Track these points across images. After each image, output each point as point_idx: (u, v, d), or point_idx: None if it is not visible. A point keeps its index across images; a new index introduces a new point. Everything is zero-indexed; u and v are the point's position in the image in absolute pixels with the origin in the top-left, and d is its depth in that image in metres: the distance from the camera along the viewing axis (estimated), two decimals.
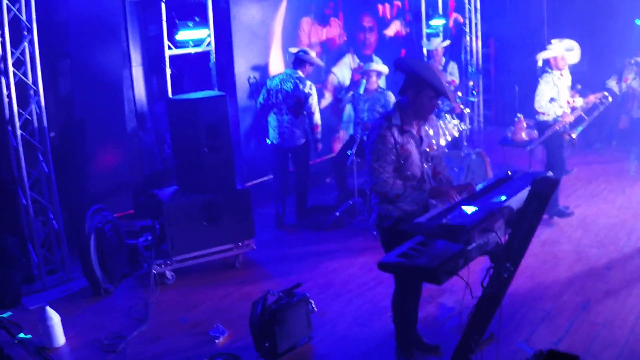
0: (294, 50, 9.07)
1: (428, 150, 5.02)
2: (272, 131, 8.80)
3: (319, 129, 8.90)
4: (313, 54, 8.92)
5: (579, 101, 8.69)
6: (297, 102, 8.59)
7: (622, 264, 7.20)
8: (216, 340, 5.89)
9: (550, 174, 5.10)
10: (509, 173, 5.07)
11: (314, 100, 8.67)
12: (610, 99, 8.98)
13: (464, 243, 3.82)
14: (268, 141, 8.89)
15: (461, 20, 14.48)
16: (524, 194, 4.39)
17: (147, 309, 6.63)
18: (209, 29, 8.83)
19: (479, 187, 4.82)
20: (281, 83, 8.66)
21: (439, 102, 5.11)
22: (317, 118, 8.79)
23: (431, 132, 5.11)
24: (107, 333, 6.14)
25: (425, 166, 5.00)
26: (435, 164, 5.16)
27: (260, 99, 8.91)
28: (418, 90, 4.74)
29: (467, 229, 3.77)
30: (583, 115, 8.73)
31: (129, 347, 5.90)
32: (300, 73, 8.67)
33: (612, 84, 12.37)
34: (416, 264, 3.93)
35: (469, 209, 4.19)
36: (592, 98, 8.87)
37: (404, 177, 4.85)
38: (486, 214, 3.98)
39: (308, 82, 8.63)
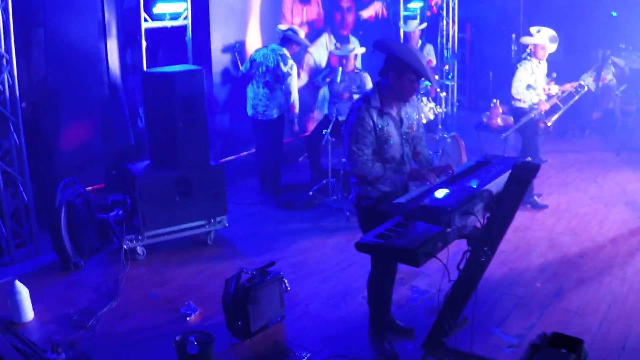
0: (283, 27, 9.05)
1: (408, 131, 4.98)
2: (248, 102, 8.92)
3: (296, 110, 8.89)
4: (302, 33, 8.95)
5: (554, 89, 8.72)
6: (275, 78, 8.63)
7: (594, 253, 7.25)
8: (187, 318, 5.82)
9: (529, 158, 5.08)
10: (487, 157, 5.06)
11: (292, 80, 8.69)
12: (586, 88, 9.03)
13: (444, 225, 3.79)
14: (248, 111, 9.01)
15: (439, 3, 14.44)
16: (503, 178, 4.39)
17: (117, 284, 6.53)
18: (187, 2, 8.69)
19: (457, 170, 4.80)
20: (264, 57, 8.70)
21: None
22: (295, 98, 8.80)
23: (413, 113, 5.06)
24: (77, 308, 6.03)
25: (406, 148, 4.95)
26: (416, 144, 5.12)
27: (243, 69, 9.02)
28: (399, 73, 4.69)
29: (448, 211, 3.75)
30: (559, 103, 8.78)
31: (99, 323, 5.79)
32: (285, 51, 8.71)
33: (589, 80, 12.42)
34: (395, 245, 3.90)
35: (447, 191, 4.17)
36: (568, 87, 8.92)
37: (383, 160, 4.81)
38: (467, 197, 3.96)
39: (290, 62, 8.67)
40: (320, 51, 11.42)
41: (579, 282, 6.50)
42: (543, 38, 8.33)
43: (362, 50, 9.64)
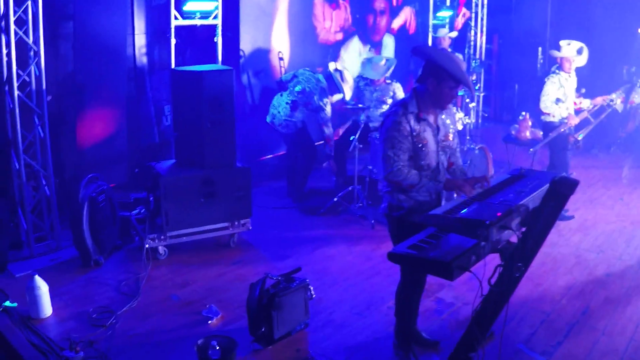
0: (332, 66, 9.01)
1: (444, 139, 4.89)
2: (270, 109, 8.95)
3: (332, 142, 8.99)
4: (349, 78, 8.92)
5: (585, 103, 8.63)
6: (304, 103, 8.70)
7: (621, 271, 7.12)
8: (209, 322, 5.75)
9: (565, 174, 4.97)
10: (522, 171, 4.97)
11: (325, 114, 8.75)
12: (615, 103, 8.91)
13: (482, 239, 3.70)
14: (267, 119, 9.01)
15: (468, 15, 14.36)
16: (540, 193, 4.30)
17: (138, 284, 6.48)
18: (218, 1, 8.64)
19: (492, 182, 4.72)
20: (307, 80, 8.75)
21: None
22: (327, 131, 8.84)
23: (448, 122, 4.98)
24: (96, 306, 5.97)
25: (441, 156, 4.87)
26: (450, 155, 5.03)
27: (284, 77, 9.05)
28: (438, 80, 4.61)
29: (486, 225, 3.65)
30: (590, 117, 8.66)
31: (118, 322, 5.73)
32: (326, 86, 8.76)
33: (618, 101, 12.27)
34: (429, 257, 3.81)
35: (486, 204, 4.08)
36: (600, 100, 8.81)
37: (418, 167, 4.72)
38: (506, 211, 3.86)
39: (326, 100, 8.70)
40: (352, 57, 11.33)
41: (606, 301, 6.38)
42: (570, 51, 8.25)
43: (394, 61, 9.52)
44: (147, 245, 6.94)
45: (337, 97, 9.03)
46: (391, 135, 4.66)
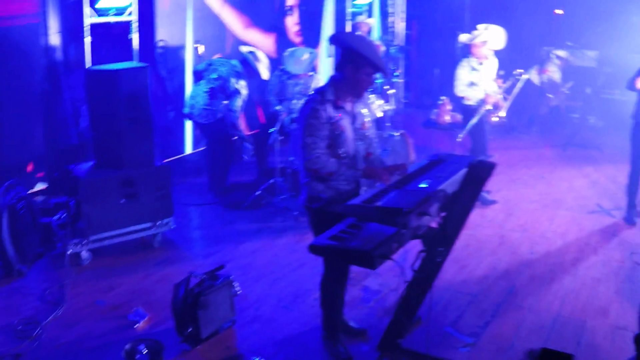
0: (245, 49, 8.88)
1: (361, 128, 4.89)
2: (187, 101, 8.81)
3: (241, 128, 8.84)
4: (262, 57, 8.76)
5: (494, 86, 8.71)
6: (221, 88, 8.49)
7: (544, 249, 7.28)
8: (136, 325, 5.63)
9: (483, 157, 5.04)
10: (440, 155, 5.00)
11: (239, 101, 8.55)
12: (525, 76, 9.07)
13: (401, 226, 3.70)
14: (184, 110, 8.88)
15: None
16: (458, 177, 4.34)
17: (63, 291, 6.29)
18: None
19: (410, 169, 4.73)
20: (221, 64, 8.62)
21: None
22: (236, 112, 8.64)
23: (365, 111, 4.98)
24: (21, 318, 5.76)
25: (359, 145, 4.86)
26: (367, 144, 5.03)
27: (199, 67, 8.84)
28: (357, 67, 4.61)
29: (404, 212, 3.66)
30: (504, 95, 8.79)
31: (45, 332, 5.55)
32: (242, 69, 8.60)
33: (533, 74, 12.54)
34: (349, 247, 3.80)
35: (402, 192, 4.09)
36: (509, 83, 8.95)
37: (336, 155, 4.70)
38: (423, 197, 3.88)
39: (242, 82, 8.52)
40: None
41: (531, 279, 6.52)
42: (477, 36, 8.38)
43: (315, 54, 9.46)
44: (69, 251, 6.76)
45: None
46: (309, 123, 4.63)
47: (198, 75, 8.78)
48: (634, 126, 7.78)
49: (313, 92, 4.85)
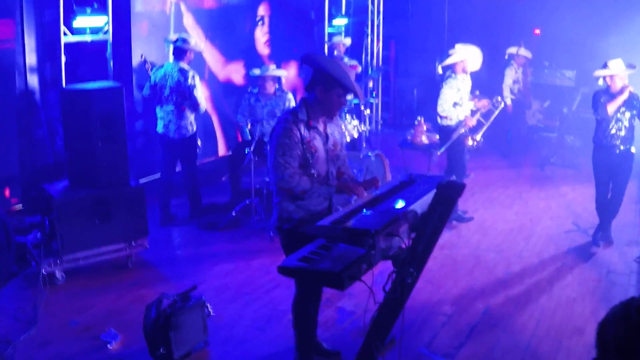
0: (172, 37, 8.71)
1: (334, 148, 4.88)
2: (159, 122, 8.54)
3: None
4: (192, 40, 8.56)
5: (470, 104, 8.74)
6: (182, 96, 8.30)
7: (520, 269, 7.29)
8: (109, 346, 5.58)
9: (454, 177, 5.04)
10: (411, 176, 5.00)
11: (198, 92, 8.37)
12: (502, 104, 9.13)
13: (368, 248, 3.69)
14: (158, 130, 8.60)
15: None
16: (428, 197, 4.32)
17: (36, 311, 6.24)
18: (108, 16, 8.45)
19: (382, 189, 4.72)
20: (164, 77, 8.34)
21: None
22: (203, 107, 8.54)
23: (336, 133, 4.97)
24: None
25: (331, 166, 4.86)
26: (340, 165, 5.03)
27: (145, 92, 8.66)
28: (327, 88, 4.62)
29: (372, 233, 3.65)
30: (481, 120, 8.82)
31: (17, 352, 5.50)
32: (182, 64, 8.35)
33: (508, 100, 12.67)
34: (318, 269, 3.78)
35: (371, 213, 4.08)
36: (486, 102, 8.97)
37: (309, 175, 4.70)
38: (391, 218, 3.87)
39: (191, 72, 8.31)
40: None
41: (507, 299, 6.52)
42: (461, 55, 8.40)
43: (283, 72, 9.39)
44: (43, 271, 6.71)
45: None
46: (282, 142, 4.62)
47: (153, 101, 8.59)
48: (594, 150, 7.86)
49: (286, 112, 4.84)
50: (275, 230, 4.98)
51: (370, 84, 12.86)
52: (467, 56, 8.43)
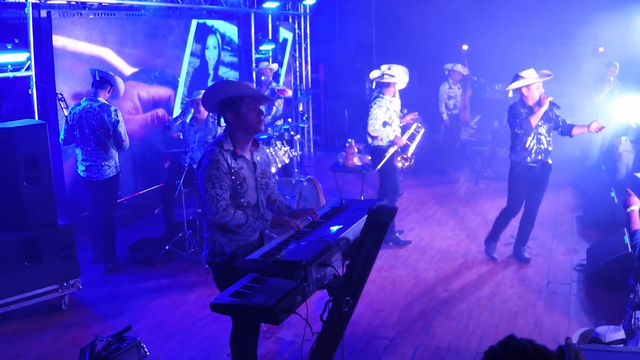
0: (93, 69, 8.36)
1: (262, 176, 4.81)
2: (80, 165, 8.08)
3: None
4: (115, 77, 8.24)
5: (398, 123, 8.75)
6: (106, 135, 7.91)
7: (460, 286, 7.30)
8: None
9: (386, 201, 5.00)
10: (343, 202, 4.96)
11: (122, 127, 8.01)
12: (422, 130, 9.11)
13: (300, 280, 3.62)
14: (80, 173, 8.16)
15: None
16: (360, 223, 4.28)
17: None
18: (30, 52, 8.24)
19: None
20: (83, 117, 7.90)
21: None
22: (127, 145, 8.15)
23: (263, 162, 4.89)
24: None
25: (260, 194, 4.78)
26: (270, 193, 4.96)
27: (62, 136, 8.18)
28: (235, 109, 4.56)
29: (302, 265, 3.58)
30: (407, 142, 8.80)
31: None
32: (101, 99, 7.96)
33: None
34: (251, 304, 3.69)
35: (301, 243, 4.02)
36: (408, 118, 8.97)
37: (238, 205, 4.60)
38: (322, 248, 3.81)
39: (112, 108, 7.95)
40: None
41: (448, 318, 6.50)
42: (395, 77, 8.40)
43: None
44: None
45: None
46: (211, 175, 4.52)
47: (71, 142, 8.18)
48: (513, 166, 7.92)
49: (211, 143, 4.75)
50: (207, 264, 4.86)
51: (300, 108, 12.84)
52: (396, 76, 8.45)
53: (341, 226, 4.24)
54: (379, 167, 8.54)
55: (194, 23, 11.67)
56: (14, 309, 6.72)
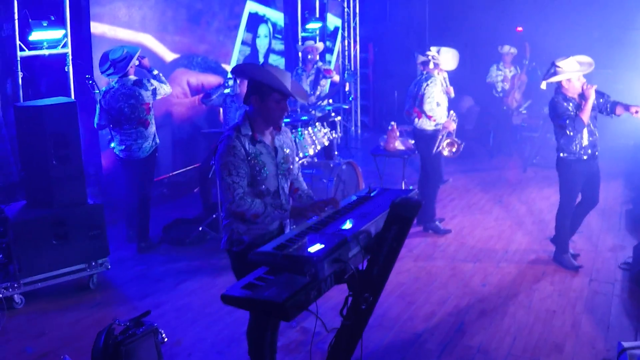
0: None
1: (283, 162, 4.59)
2: (119, 144, 7.97)
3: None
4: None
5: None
6: (145, 112, 7.85)
7: (497, 280, 7.00)
8: None
9: (415, 193, 4.75)
10: (370, 190, 4.74)
11: (157, 83, 7.94)
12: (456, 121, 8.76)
13: (311, 276, 3.41)
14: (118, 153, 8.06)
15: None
16: (384, 216, 4.05)
17: None
18: (66, 29, 8.15)
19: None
20: (120, 99, 7.74)
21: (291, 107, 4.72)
22: (169, 89, 8.14)
23: (286, 146, 4.68)
24: None
25: (282, 181, 4.58)
26: (292, 180, 4.75)
27: (97, 120, 7.99)
28: (262, 96, 4.34)
29: (314, 261, 3.37)
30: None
31: None
32: (131, 77, 7.83)
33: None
34: (262, 298, 3.49)
35: (318, 237, 3.80)
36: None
37: (257, 192, 4.41)
38: (337, 243, 3.59)
39: (144, 80, 7.84)
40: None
41: (482, 314, 6.23)
42: (442, 62, 8.15)
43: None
44: (1, 295, 6.42)
45: None
46: (227, 161, 4.33)
47: (107, 126, 8.01)
48: (566, 163, 7.25)
49: (229, 128, 4.55)
50: (226, 252, 4.69)
51: (347, 87, 12.61)
52: (443, 59, 8.20)
53: (362, 219, 4.02)
54: (434, 151, 8.25)
55: (246, 12, 11.62)
56: (43, 287, 6.70)
